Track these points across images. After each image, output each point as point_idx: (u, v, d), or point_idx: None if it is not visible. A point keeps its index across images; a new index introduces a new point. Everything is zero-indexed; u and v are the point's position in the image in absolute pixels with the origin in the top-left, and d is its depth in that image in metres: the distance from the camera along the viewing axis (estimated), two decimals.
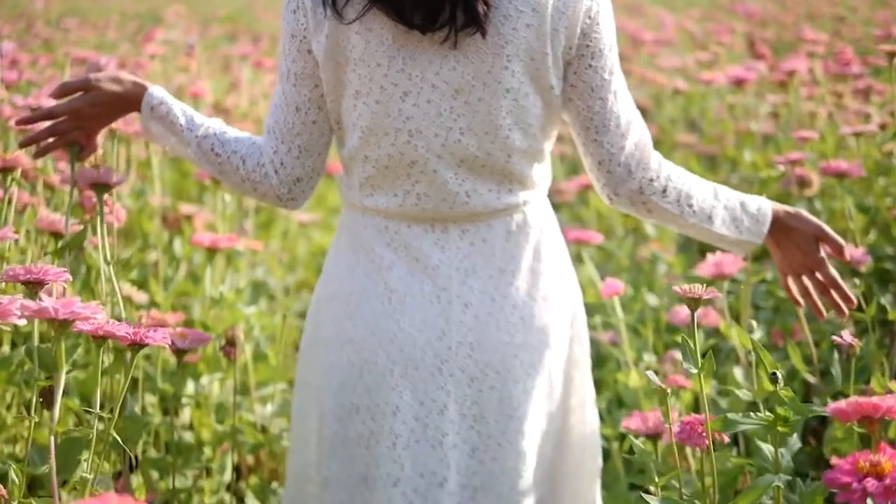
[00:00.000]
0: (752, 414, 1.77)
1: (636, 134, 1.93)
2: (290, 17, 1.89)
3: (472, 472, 1.92)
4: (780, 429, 1.76)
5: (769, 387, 1.76)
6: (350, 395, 1.94)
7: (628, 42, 7.29)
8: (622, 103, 1.92)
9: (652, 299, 3.20)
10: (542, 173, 1.96)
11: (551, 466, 2.03)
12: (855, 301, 2.04)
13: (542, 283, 1.97)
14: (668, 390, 1.78)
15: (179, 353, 2.25)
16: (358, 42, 1.84)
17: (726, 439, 1.90)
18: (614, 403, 2.67)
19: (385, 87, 1.85)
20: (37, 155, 2.07)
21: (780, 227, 2.02)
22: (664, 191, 1.94)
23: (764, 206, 2.01)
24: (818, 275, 2.04)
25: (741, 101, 4.75)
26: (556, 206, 5.00)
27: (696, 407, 2.55)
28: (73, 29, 8.43)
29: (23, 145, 2.07)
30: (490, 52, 1.83)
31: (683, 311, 2.47)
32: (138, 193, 3.83)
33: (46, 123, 2.04)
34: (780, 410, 1.74)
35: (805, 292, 2.05)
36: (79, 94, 2.00)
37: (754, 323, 2.06)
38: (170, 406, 2.52)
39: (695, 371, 1.71)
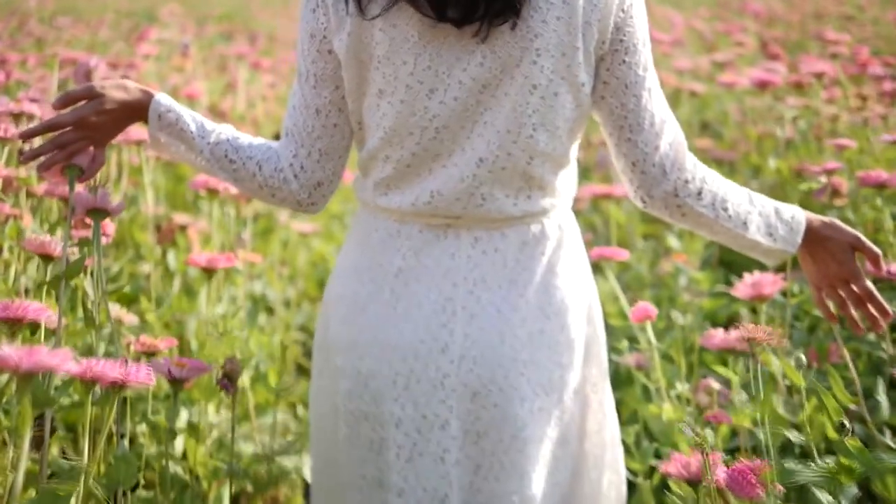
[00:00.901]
0: (811, 464, 1.58)
1: (670, 133, 1.86)
2: (310, 16, 1.83)
3: (474, 489, 1.86)
4: (842, 480, 1.58)
5: (832, 434, 1.57)
6: (357, 402, 1.89)
7: None
8: (656, 101, 1.84)
9: (677, 316, 3.00)
10: (565, 181, 1.89)
11: (569, 494, 1.94)
12: (892, 314, 1.96)
13: (555, 299, 1.88)
14: (707, 438, 1.58)
15: (175, 382, 2.05)
16: (382, 39, 1.78)
17: (781, 489, 1.70)
18: (643, 435, 2.46)
19: (411, 86, 1.79)
20: (41, 169, 1.90)
21: (815, 236, 1.94)
22: (699, 193, 1.87)
23: (798, 215, 1.94)
24: (853, 286, 1.96)
25: (756, 104, 4.56)
26: None
27: (733, 438, 2.37)
28: (65, 27, 8.23)
29: (25, 161, 1.93)
30: (518, 46, 1.76)
31: (717, 335, 2.27)
32: (130, 201, 3.64)
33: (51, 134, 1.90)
34: (844, 461, 1.56)
35: (841, 304, 1.98)
36: (82, 102, 1.87)
37: (802, 357, 1.87)
38: (162, 436, 2.33)
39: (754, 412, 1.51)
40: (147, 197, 3.57)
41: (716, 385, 2.34)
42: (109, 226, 2.54)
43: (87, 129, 1.88)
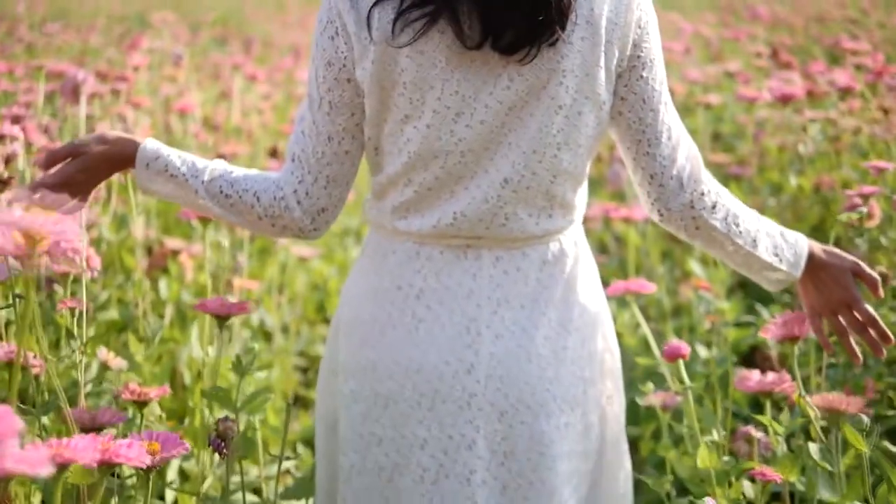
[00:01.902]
0: None
1: (685, 146, 1.88)
2: (328, 43, 1.80)
3: None
4: None
5: None
6: (372, 426, 1.87)
7: None
8: (672, 115, 1.87)
9: (701, 349, 2.82)
10: (581, 197, 1.91)
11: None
12: (893, 339, 1.95)
13: (574, 315, 1.90)
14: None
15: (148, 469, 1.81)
16: (409, 65, 1.76)
17: None
18: (674, 488, 2.27)
19: (437, 111, 1.78)
20: None
21: (817, 262, 1.97)
22: (714, 206, 1.89)
23: (801, 240, 1.97)
24: (855, 312, 1.97)
25: (773, 116, 4.38)
26: None
27: (776, 495, 2.19)
28: (56, 33, 8.04)
29: None
30: (546, 68, 1.76)
31: (752, 377, 2.09)
32: (120, 222, 3.46)
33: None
34: None
35: (841, 331, 1.98)
36: (67, 160, 1.89)
37: (865, 418, 1.68)
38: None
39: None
40: (136, 218, 3.40)
41: (756, 433, 2.15)
42: (95, 258, 2.38)
43: (73, 187, 1.86)
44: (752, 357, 3.37)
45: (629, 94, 1.83)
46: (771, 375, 2.08)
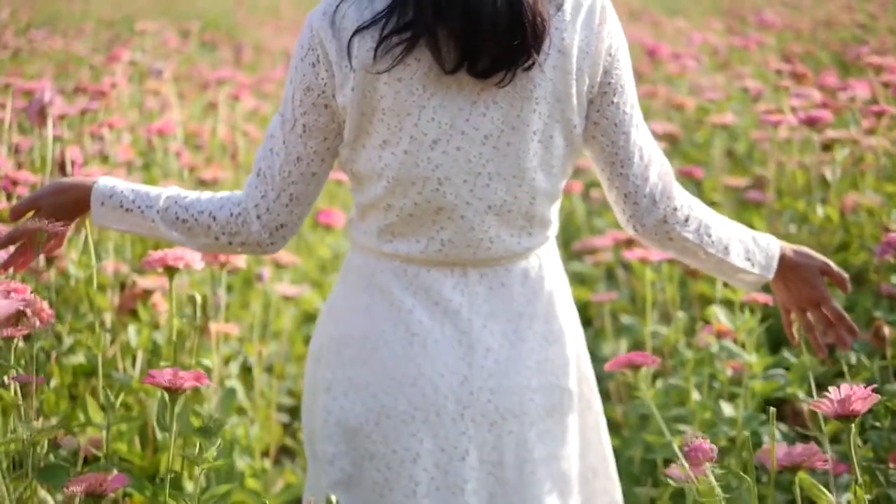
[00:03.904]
0: None
1: (657, 164, 1.96)
2: (308, 69, 1.85)
3: None
4: None
5: None
6: (364, 442, 1.91)
7: (645, 58, 6.65)
8: (643, 135, 1.94)
9: (725, 407, 2.54)
10: (555, 212, 1.98)
11: None
12: (858, 333, 2.09)
13: (555, 327, 1.97)
14: None
15: None
16: (387, 92, 1.81)
17: None
18: None
19: (415, 137, 1.83)
20: (3, 268, 2.03)
21: (789, 263, 2.07)
22: (686, 220, 1.97)
23: (773, 243, 2.06)
24: (823, 309, 2.08)
25: (785, 133, 4.10)
26: (589, 273, 4.35)
27: None
28: (41, 39, 7.77)
29: (2, 269, 2.03)
30: (519, 97, 1.83)
31: (780, 449, 1.82)
32: (90, 257, 3.19)
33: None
34: None
35: (808, 327, 2.10)
36: (30, 213, 1.98)
37: None
38: None
39: None
40: (108, 253, 3.14)
41: None
42: (46, 310, 2.13)
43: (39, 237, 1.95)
44: (780, 410, 3.10)
45: (601, 118, 1.90)
46: (800, 447, 1.91)
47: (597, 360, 4.01)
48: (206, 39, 10.26)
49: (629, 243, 3.68)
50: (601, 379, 4.03)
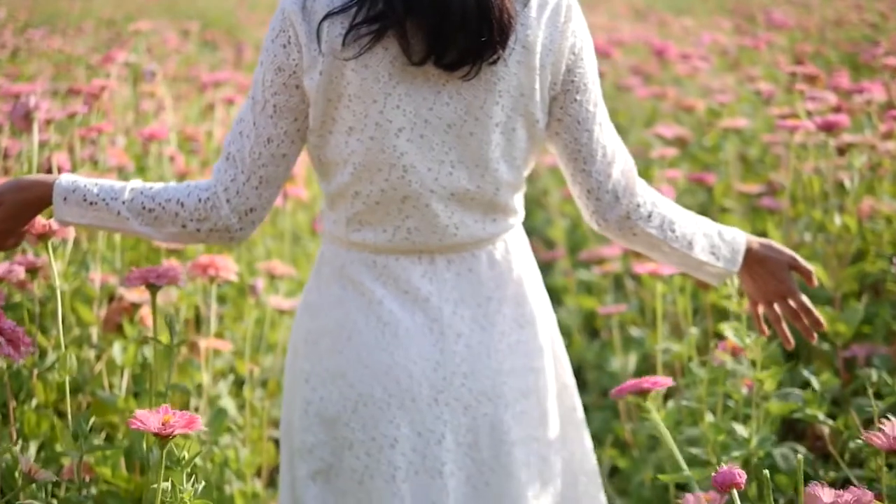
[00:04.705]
0: None
1: (621, 161, 2.01)
2: (280, 50, 1.87)
3: (468, 498, 1.95)
4: None
5: None
6: (343, 430, 1.95)
7: (652, 59, 6.51)
8: (607, 133, 1.99)
9: (740, 430, 2.40)
10: (520, 201, 2.02)
11: (562, 492, 2.05)
12: (825, 325, 2.14)
13: (526, 311, 2.02)
14: None
15: None
16: (353, 79, 1.85)
17: None
18: None
19: (380, 124, 1.87)
20: None
21: (755, 256, 2.11)
22: (649, 216, 2.02)
23: (738, 237, 2.10)
24: (790, 301, 2.13)
25: (799, 138, 3.96)
26: (596, 282, 4.21)
27: None
28: (40, 38, 7.64)
29: None
30: (483, 89, 1.87)
31: (823, 496, 1.68)
32: (79, 267, 3.06)
33: None
34: None
35: (775, 319, 2.15)
36: None
37: None
38: None
39: None
40: (95, 263, 3.01)
41: None
42: (24, 339, 2.01)
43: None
44: (800, 433, 2.97)
45: (564, 115, 1.95)
46: (847, 494, 1.69)
47: (605, 373, 3.91)
48: (207, 39, 10.12)
49: (638, 254, 3.54)
50: (607, 393, 3.91)
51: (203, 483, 1.62)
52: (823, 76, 4.96)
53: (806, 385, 2.76)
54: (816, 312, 2.13)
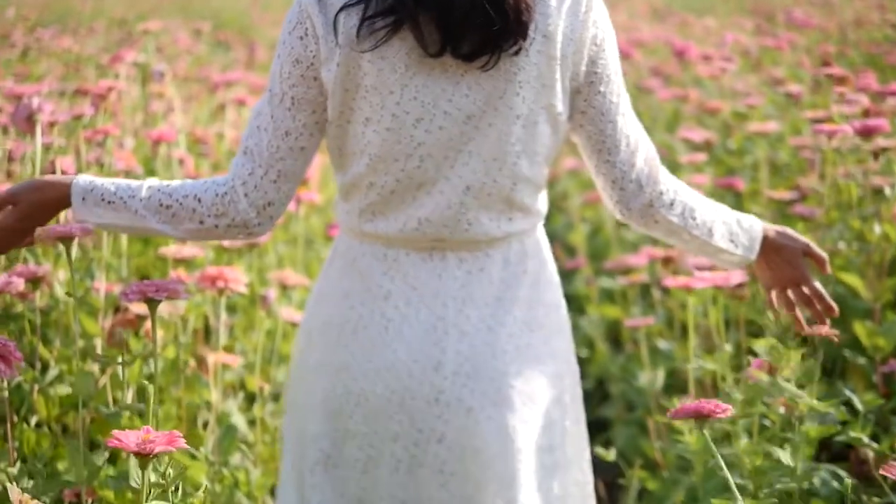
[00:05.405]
0: None
1: (644, 150, 2.01)
2: (297, 42, 1.88)
3: (470, 501, 1.92)
4: None
5: None
6: (346, 422, 1.95)
7: (673, 59, 6.37)
8: (630, 122, 1.99)
9: (782, 454, 2.26)
10: (542, 201, 2.01)
11: (558, 498, 2.02)
12: (837, 311, 2.15)
13: (539, 314, 2.00)
14: None
15: None
16: (370, 70, 1.85)
17: None
18: None
19: (397, 115, 1.87)
20: None
21: (772, 245, 2.13)
22: (672, 203, 2.03)
23: (756, 224, 2.12)
24: (804, 288, 2.15)
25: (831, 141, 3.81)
26: (620, 290, 4.08)
27: None
28: (49, 38, 7.53)
29: None
30: (502, 79, 1.86)
31: None
32: (82, 276, 2.94)
33: None
34: None
35: (789, 305, 2.17)
36: (8, 207, 1.96)
37: None
38: None
39: None
40: (100, 272, 2.88)
41: None
42: (15, 354, 1.89)
43: (15, 233, 1.96)
44: (836, 454, 2.82)
45: (588, 108, 1.95)
46: None
47: (630, 387, 3.77)
48: (220, 39, 10.01)
49: (666, 262, 3.41)
50: (633, 407, 3.78)
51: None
52: (852, 78, 4.82)
53: (846, 402, 2.62)
54: (829, 299, 2.15)
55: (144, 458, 1.57)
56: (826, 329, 2.15)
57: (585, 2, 1.91)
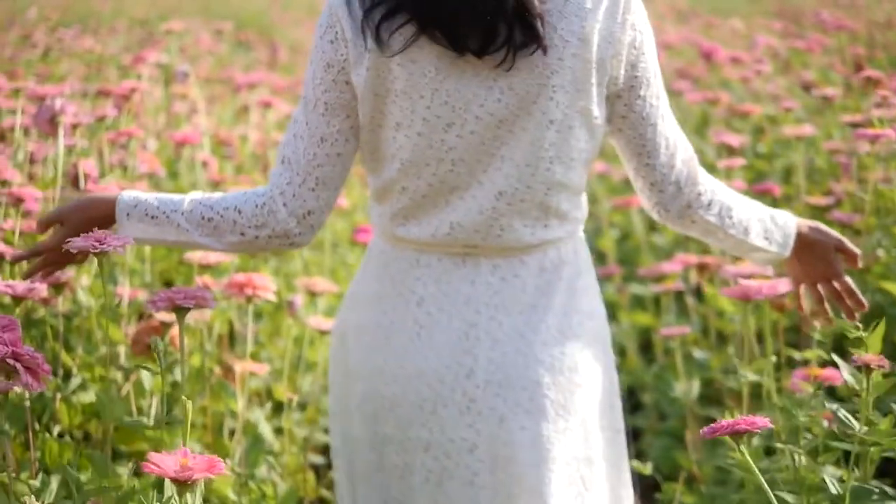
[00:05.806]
0: None
1: (683, 151, 1.99)
2: (328, 47, 1.87)
3: None
4: None
5: None
6: (383, 426, 1.94)
7: (700, 61, 6.28)
8: (669, 124, 1.97)
9: (832, 472, 2.18)
10: (579, 208, 1.98)
11: None
12: (867, 306, 2.15)
13: (574, 322, 1.96)
14: None
15: None
16: (400, 74, 1.83)
17: None
18: None
19: (428, 119, 1.85)
20: (25, 277, 2.10)
21: (805, 241, 2.11)
22: (709, 204, 2.02)
23: (789, 221, 2.11)
24: (835, 283, 2.14)
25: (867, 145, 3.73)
26: (652, 297, 4.00)
27: None
28: (70, 38, 7.49)
29: (25, 277, 2.10)
30: (535, 83, 1.83)
31: None
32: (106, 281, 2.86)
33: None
34: None
35: (819, 299, 2.17)
36: (57, 226, 2.01)
37: None
38: None
39: None
40: (124, 277, 2.82)
41: None
42: (43, 366, 1.83)
43: (65, 253, 1.94)
44: (883, 469, 2.73)
45: (629, 112, 1.92)
46: None
47: (664, 397, 3.69)
48: (241, 39, 9.97)
49: (701, 269, 3.33)
50: (665, 417, 3.70)
51: None
52: (886, 80, 4.74)
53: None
54: (859, 294, 2.15)
55: (183, 485, 1.47)
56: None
57: (623, 3, 1.87)
